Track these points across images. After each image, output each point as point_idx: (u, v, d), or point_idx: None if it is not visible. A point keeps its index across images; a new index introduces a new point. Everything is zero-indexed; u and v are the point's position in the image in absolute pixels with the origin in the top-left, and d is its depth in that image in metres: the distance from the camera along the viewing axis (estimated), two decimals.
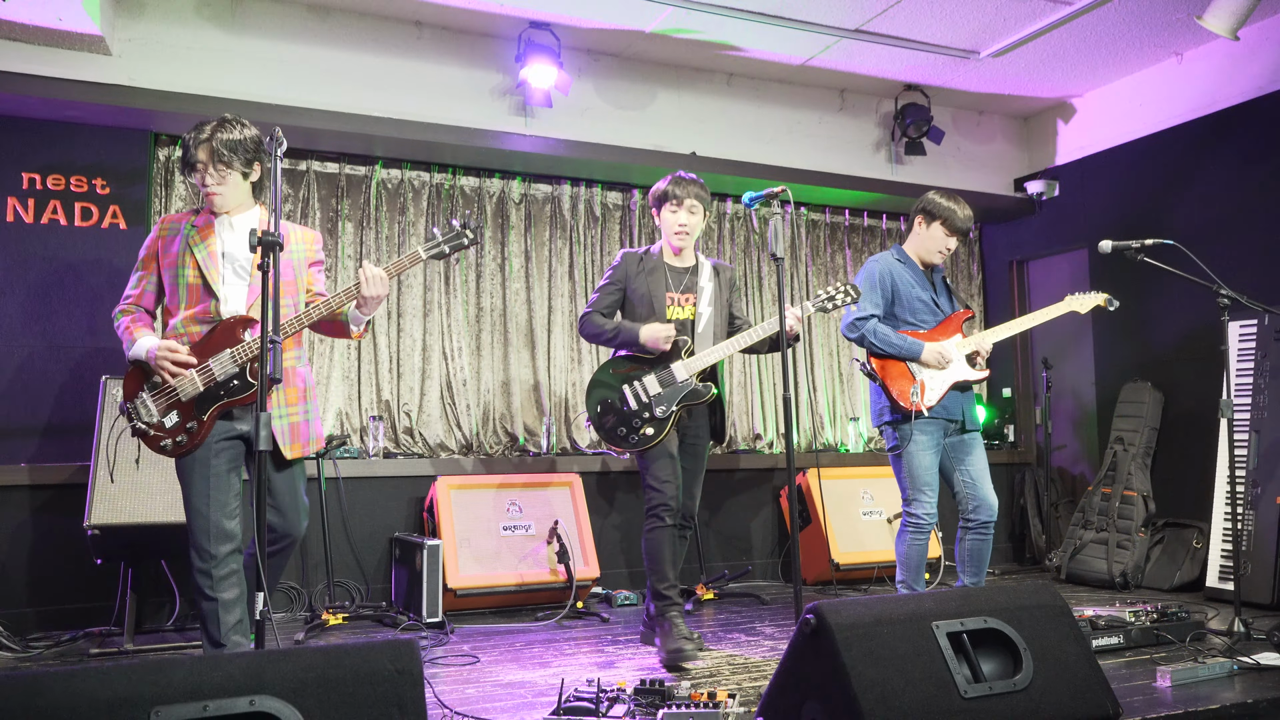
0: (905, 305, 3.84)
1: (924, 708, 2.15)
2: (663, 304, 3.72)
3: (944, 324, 3.86)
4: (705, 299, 3.77)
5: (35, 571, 4.17)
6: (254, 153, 2.94)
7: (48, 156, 4.38)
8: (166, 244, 2.95)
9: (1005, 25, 5.10)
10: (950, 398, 3.77)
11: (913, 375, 3.76)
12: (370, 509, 4.79)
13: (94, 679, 1.72)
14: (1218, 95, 5.33)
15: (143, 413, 2.85)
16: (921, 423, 3.72)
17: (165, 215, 3.62)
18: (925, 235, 3.86)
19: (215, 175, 2.90)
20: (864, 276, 3.88)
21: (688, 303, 3.77)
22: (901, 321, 3.85)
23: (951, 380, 3.77)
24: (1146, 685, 2.95)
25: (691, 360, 3.66)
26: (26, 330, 4.31)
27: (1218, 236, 5.20)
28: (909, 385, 3.74)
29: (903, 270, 3.88)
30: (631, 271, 3.78)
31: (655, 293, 3.73)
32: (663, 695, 2.66)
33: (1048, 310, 4.02)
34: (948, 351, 3.75)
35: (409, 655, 1.93)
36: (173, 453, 2.84)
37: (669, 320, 3.68)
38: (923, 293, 3.86)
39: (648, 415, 3.63)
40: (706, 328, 3.75)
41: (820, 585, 5.26)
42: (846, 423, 6.19)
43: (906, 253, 3.93)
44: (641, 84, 5.49)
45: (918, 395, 3.70)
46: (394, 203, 5.19)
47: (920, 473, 3.72)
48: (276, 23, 4.72)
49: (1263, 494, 4.56)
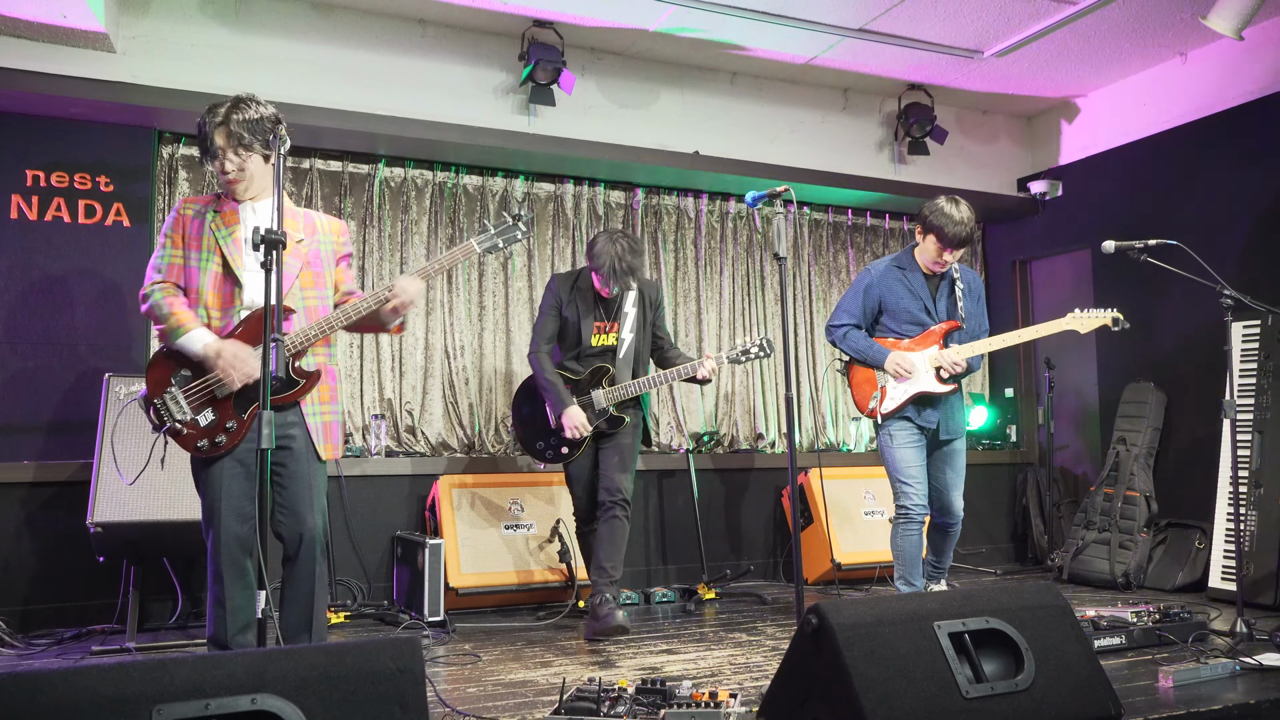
0: (892, 314, 3.95)
1: (926, 708, 2.15)
2: (590, 331, 4.11)
3: (924, 335, 3.92)
4: (628, 325, 4.14)
5: (38, 569, 4.18)
6: (274, 131, 2.72)
7: (51, 154, 4.39)
8: (190, 226, 2.80)
9: (1009, 25, 5.09)
10: (916, 408, 3.88)
11: (876, 382, 3.94)
12: (372, 508, 4.80)
13: (96, 677, 1.72)
14: (1222, 95, 5.32)
15: (174, 409, 2.68)
16: (895, 421, 3.89)
17: (187, 196, 3.52)
18: (923, 246, 3.91)
19: (235, 160, 2.75)
20: (855, 282, 4.07)
21: (611, 330, 4.14)
22: (888, 330, 3.96)
23: (913, 390, 3.86)
24: (1149, 686, 2.94)
25: (611, 390, 4.06)
26: (30, 327, 4.32)
27: (1221, 237, 5.19)
28: (871, 391, 3.95)
29: (896, 280, 3.95)
30: (564, 297, 4.13)
31: (584, 320, 4.10)
32: (664, 695, 2.66)
33: (1045, 326, 3.98)
34: (907, 363, 3.84)
35: (411, 654, 1.93)
36: (209, 453, 2.69)
37: (588, 345, 4.09)
38: (912, 303, 3.92)
39: (562, 437, 4.04)
40: (628, 353, 4.12)
41: (822, 585, 5.25)
42: (849, 422, 6.19)
43: (915, 258, 3.96)
44: (645, 83, 5.49)
45: (877, 401, 3.91)
46: (397, 201, 5.19)
47: (902, 465, 3.86)
48: (280, 20, 4.73)
49: (1265, 494, 4.56)
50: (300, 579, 2.77)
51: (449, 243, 5.26)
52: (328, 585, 2.85)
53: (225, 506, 2.69)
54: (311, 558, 2.76)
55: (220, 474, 2.70)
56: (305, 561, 2.76)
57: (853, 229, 6.37)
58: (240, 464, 2.72)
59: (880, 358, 3.87)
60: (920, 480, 3.85)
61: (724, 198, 5.95)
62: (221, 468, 2.71)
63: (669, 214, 5.81)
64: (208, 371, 2.70)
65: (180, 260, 2.80)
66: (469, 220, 5.33)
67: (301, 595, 2.77)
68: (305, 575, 2.76)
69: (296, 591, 2.77)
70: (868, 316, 3.99)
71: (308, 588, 2.76)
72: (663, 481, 5.40)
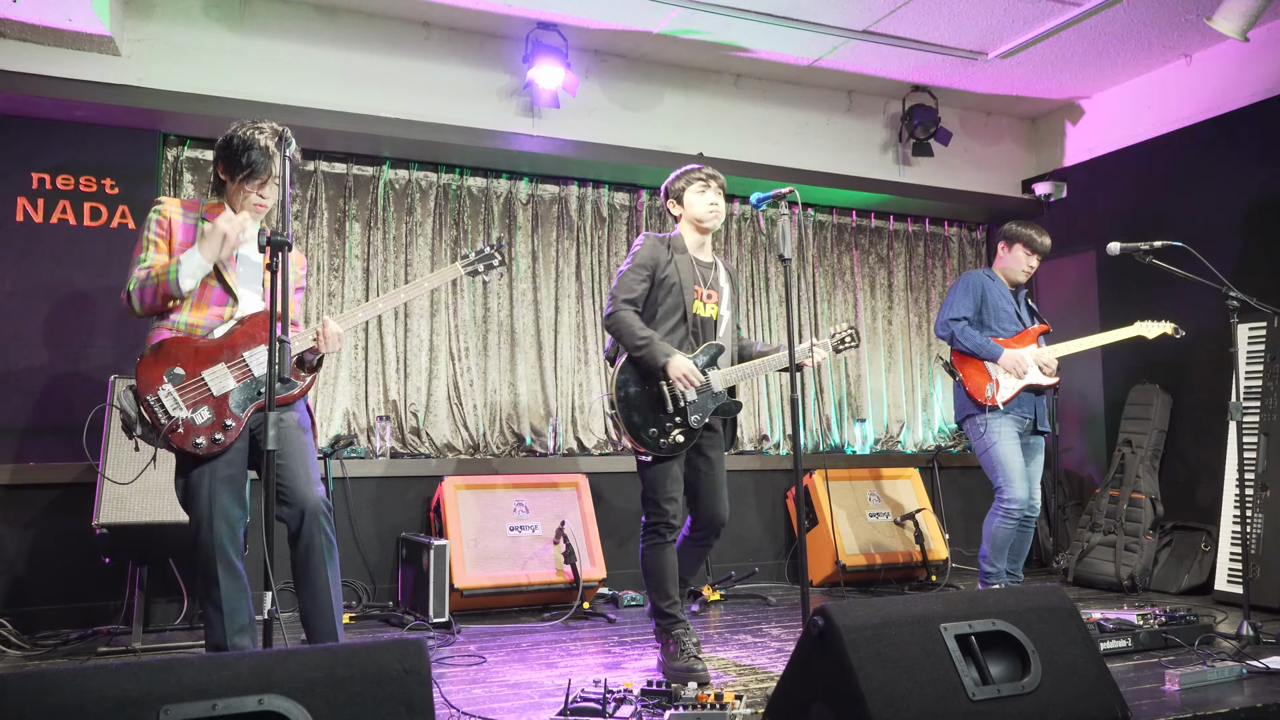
0: (993, 314, 4.43)
1: (932, 710, 2.14)
2: (691, 296, 3.46)
3: (1022, 335, 4.42)
4: (725, 301, 3.58)
5: (44, 570, 4.19)
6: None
7: (57, 157, 4.40)
8: (178, 230, 2.77)
9: (1013, 26, 5.09)
10: (1023, 399, 4.31)
11: (989, 374, 4.32)
12: (377, 509, 4.80)
13: (103, 677, 1.72)
14: (1227, 96, 5.31)
15: (168, 405, 2.64)
16: (1001, 418, 4.27)
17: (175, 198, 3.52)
18: (1009, 257, 4.48)
19: (273, 190, 2.79)
20: (961, 283, 4.49)
21: (711, 300, 3.54)
22: (988, 328, 4.42)
23: (1024, 383, 4.30)
24: (1155, 689, 2.94)
25: (727, 372, 3.49)
26: (36, 329, 4.33)
27: (1227, 238, 5.18)
28: (985, 382, 4.31)
29: (993, 284, 4.48)
30: (661, 257, 3.47)
31: (685, 282, 3.46)
32: (669, 697, 2.66)
33: (1114, 333, 4.49)
34: (1023, 360, 4.30)
35: (417, 655, 1.93)
36: (206, 450, 2.65)
37: (693, 314, 3.46)
38: (1008, 305, 4.46)
39: (680, 421, 3.38)
40: (726, 333, 3.56)
41: (827, 587, 5.25)
42: (853, 424, 6.18)
43: (995, 272, 4.54)
44: (649, 85, 5.49)
45: (993, 391, 4.26)
46: (401, 203, 5.20)
47: (1007, 460, 4.22)
48: (285, 23, 4.74)
49: (1272, 497, 4.54)
50: (311, 551, 2.68)
51: (453, 244, 5.27)
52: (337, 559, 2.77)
53: (215, 509, 2.65)
54: (317, 527, 2.69)
55: (208, 475, 2.67)
56: (311, 531, 2.68)
57: (857, 231, 6.37)
58: (230, 464, 2.69)
59: (996, 352, 4.30)
60: (1025, 476, 4.24)
61: (728, 199, 5.93)
62: (212, 468, 2.67)
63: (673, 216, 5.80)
64: (200, 370, 2.69)
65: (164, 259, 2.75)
66: (473, 222, 5.34)
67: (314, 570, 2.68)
68: (315, 548, 2.68)
69: (308, 568, 2.70)
70: (974, 312, 4.43)
71: (319, 559, 2.68)
72: None
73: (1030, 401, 4.35)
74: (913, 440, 6.33)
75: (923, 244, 6.56)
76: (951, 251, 6.69)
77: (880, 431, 6.26)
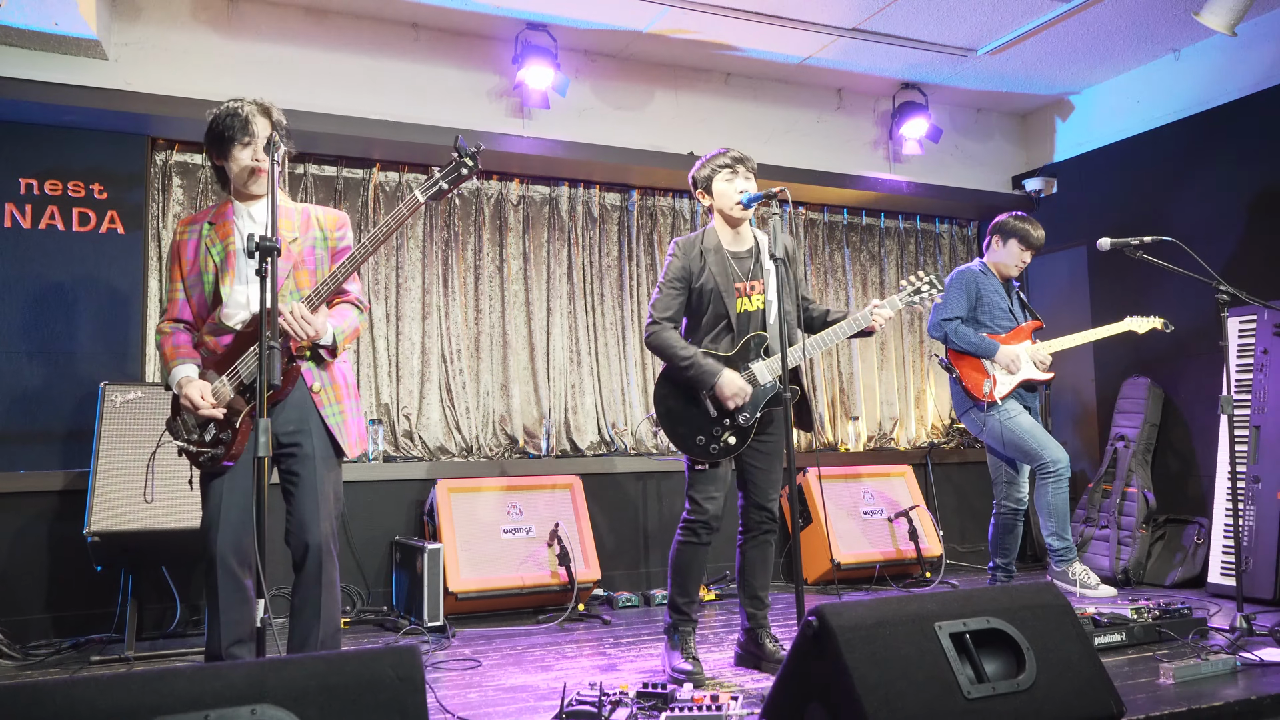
0: (987, 310, 4.46)
1: (928, 709, 2.14)
2: (732, 298, 3.30)
3: (1016, 331, 4.47)
4: (772, 284, 3.32)
5: (36, 579, 4.16)
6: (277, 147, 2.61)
7: (45, 161, 4.37)
8: (186, 251, 2.79)
9: (1002, 22, 5.09)
10: (1019, 393, 4.40)
11: (986, 370, 4.39)
12: (370, 513, 4.79)
13: (94, 688, 1.71)
14: (1215, 91, 5.33)
15: (184, 429, 2.72)
16: (1007, 401, 4.33)
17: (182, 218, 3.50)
18: (1003, 252, 4.50)
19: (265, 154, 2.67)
20: (955, 281, 4.48)
21: (754, 292, 3.34)
22: (982, 325, 4.45)
23: (1021, 378, 4.39)
24: (1149, 683, 2.94)
25: (774, 360, 3.28)
26: (25, 336, 4.30)
27: (1216, 232, 5.20)
28: (982, 379, 4.38)
29: (986, 280, 4.49)
30: (694, 265, 3.32)
31: (723, 284, 3.29)
32: (665, 698, 2.65)
33: (1105, 328, 4.56)
34: (1019, 357, 4.37)
35: (411, 662, 1.92)
36: (210, 467, 2.69)
37: (738, 314, 3.31)
38: (1002, 301, 4.49)
39: (729, 423, 3.26)
40: (778, 318, 3.23)
41: (822, 585, 5.25)
42: (847, 422, 6.19)
43: (988, 266, 4.55)
44: (639, 84, 5.48)
45: (991, 385, 4.34)
46: (392, 205, 5.18)
47: (1030, 430, 4.31)
48: (273, 26, 4.72)
49: (1263, 489, 4.56)
50: (307, 587, 2.73)
51: (444, 246, 5.26)
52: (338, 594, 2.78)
53: (222, 520, 2.66)
54: (318, 566, 2.71)
55: (220, 488, 2.69)
56: (311, 571, 2.72)
57: (848, 228, 6.37)
58: (241, 476, 2.69)
59: (992, 349, 4.36)
60: (1051, 439, 4.32)
61: None
62: (222, 482, 2.69)
63: (664, 215, 5.80)
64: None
65: (180, 294, 2.81)
66: (464, 224, 5.32)
67: (308, 604, 2.73)
68: (311, 583, 2.72)
69: (303, 600, 2.74)
70: (968, 310, 4.47)
71: (314, 595, 2.72)
72: (661, 483, 5.39)
73: (1025, 396, 4.42)
74: (906, 437, 6.34)
75: (914, 241, 6.57)
76: (943, 248, 6.70)
77: (873, 429, 6.26)
